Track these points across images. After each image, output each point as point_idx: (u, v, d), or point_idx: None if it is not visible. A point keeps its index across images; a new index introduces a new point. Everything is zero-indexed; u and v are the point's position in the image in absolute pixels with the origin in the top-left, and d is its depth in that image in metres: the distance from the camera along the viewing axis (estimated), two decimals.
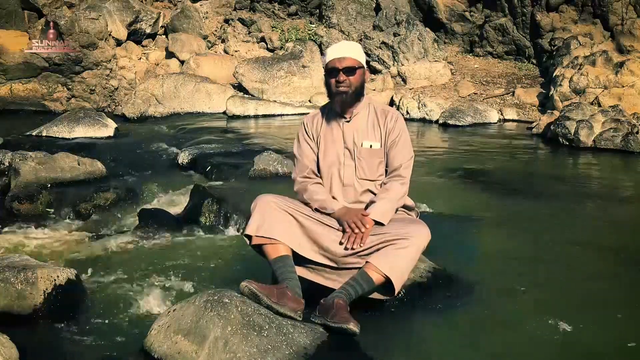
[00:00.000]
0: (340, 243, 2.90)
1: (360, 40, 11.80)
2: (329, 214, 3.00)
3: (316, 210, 3.03)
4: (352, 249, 2.87)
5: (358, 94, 3.09)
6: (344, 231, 2.92)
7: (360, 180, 3.09)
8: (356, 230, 2.88)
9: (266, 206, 2.93)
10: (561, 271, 3.68)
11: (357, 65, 3.04)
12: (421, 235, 2.89)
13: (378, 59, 11.55)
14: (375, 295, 2.92)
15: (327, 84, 3.10)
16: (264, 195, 3.01)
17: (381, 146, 3.11)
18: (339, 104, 3.09)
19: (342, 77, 3.01)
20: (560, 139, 7.88)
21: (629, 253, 4.02)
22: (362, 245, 2.86)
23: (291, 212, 2.94)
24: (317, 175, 3.16)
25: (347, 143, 3.12)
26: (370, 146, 3.10)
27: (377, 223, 2.93)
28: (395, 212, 3.06)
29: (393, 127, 3.10)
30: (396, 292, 2.86)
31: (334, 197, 3.09)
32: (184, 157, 6.58)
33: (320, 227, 2.95)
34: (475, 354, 2.73)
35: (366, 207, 3.02)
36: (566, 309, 3.15)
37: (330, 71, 3.05)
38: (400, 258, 2.82)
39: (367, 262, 2.85)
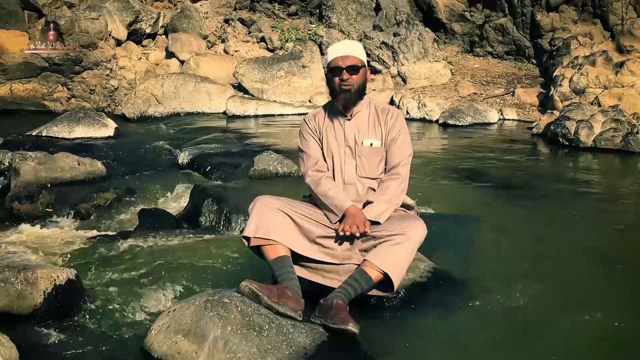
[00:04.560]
0: (337, 239, 2.90)
1: (360, 40, 11.79)
2: (335, 213, 2.98)
3: (316, 204, 3.03)
4: (350, 243, 2.88)
5: (361, 93, 3.10)
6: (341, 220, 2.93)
7: (361, 179, 3.09)
8: (353, 231, 2.86)
9: (264, 207, 2.93)
10: (561, 271, 3.68)
11: (360, 64, 3.04)
12: (417, 229, 2.89)
13: (378, 59, 11.55)
14: (375, 292, 2.92)
15: (330, 83, 3.09)
16: (262, 196, 3.01)
17: (382, 144, 3.11)
18: (342, 102, 3.09)
19: (345, 75, 3.01)
20: (560, 139, 7.88)
21: (629, 253, 4.03)
22: (366, 230, 2.84)
23: (289, 212, 2.94)
24: (325, 168, 3.14)
25: (348, 141, 3.12)
26: (371, 144, 3.10)
27: (374, 222, 2.93)
28: (395, 211, 3.06)
29: (393, 125, 3.11)
30: (395, 288, 2.86)
31: None
32: (184, 157, 6.58)
33: (316, 226, 2.95)
34: (475, 354, 2.73)
35: (363, 207, 3.02)
36: (567, 309, 3.16)
37: (333, 70, 3.04)
38: (397, 254, 2.82)
39: (364, 259, 2.85)
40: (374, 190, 3.09)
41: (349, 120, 3.13)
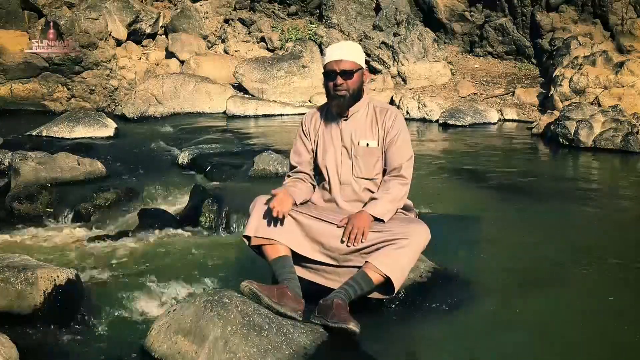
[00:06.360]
0: (342, 242, 2.89)
1: (360, 40, 11.79)
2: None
3: (316, 203, 3.04)
4: (353, 245, 2.87)
5: (356, 97, 3.06)
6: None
7: (357, 179, 3.08)
8: (357, 234, 2.87)
9: (264, 207, 2.93)
10: (563, 271, 3.68)
11: (355, 68, 2.99)
12: (421, 234, 2.88)
13: (378, 59, 11.55)
14: (375, 295, 2.92)
15: (326, 86, 3.07)
16: (262, 196, 3.01)
17: (378, 145, 3.08)
18: (336, 107, 3.08)
19: (339, 80, 2.97)
20: (560, 139, 7.88)
21: (630, 253, 4.02)
22: (363, 241, 2.85)
23: (289, 212, 2.94)
24: (304, 172, 3.16)
25: (345, 141, 3.10)
26: (367, 145, 3.08)
27: (377, 219, 2.92)
28: (395, 213, 3.06)
29: (392, 126, 3.07)
30: (395, 292, 2.86)
31: (333, 197, 3.09)
32: (184, 157, 6.58)
33: (319, 223, 2.94)
34: (475, 354, 2.73)
35: (365, 205, 3.01)
36: (567, 309, 3.16)
37: (328, 74, 3.01)
38: (399, 258, 2.81)
39: (366, 261, 2.84)
40: (370, 190, 3.08)
41: (346, 120, 3.12)
